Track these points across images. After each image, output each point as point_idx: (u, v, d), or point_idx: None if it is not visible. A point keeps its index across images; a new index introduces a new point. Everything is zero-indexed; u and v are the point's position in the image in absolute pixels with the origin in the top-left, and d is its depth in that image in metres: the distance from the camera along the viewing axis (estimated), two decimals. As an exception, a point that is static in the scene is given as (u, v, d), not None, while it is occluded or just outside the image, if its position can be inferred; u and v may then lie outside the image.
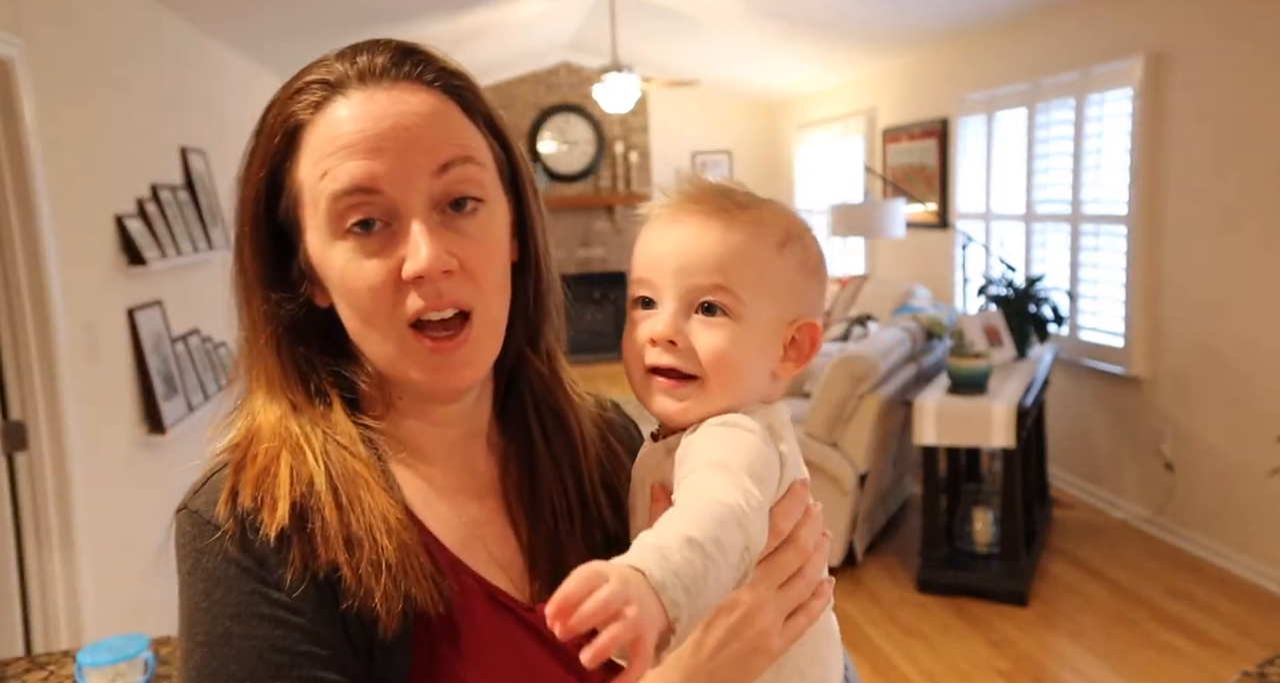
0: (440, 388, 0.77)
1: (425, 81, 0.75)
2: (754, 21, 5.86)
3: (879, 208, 5.47)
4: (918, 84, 6.23)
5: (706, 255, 0.76)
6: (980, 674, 3.14)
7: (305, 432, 0.75)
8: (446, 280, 0.72)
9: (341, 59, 0.75)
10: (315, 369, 0.78)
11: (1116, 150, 4.33)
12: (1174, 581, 3.76)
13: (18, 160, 2.54)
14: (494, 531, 0.81)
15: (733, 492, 0.65)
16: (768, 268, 0.77)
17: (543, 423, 0.85)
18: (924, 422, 3.63)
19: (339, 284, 0.74)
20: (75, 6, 2.95)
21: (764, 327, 0.77)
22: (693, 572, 0.57)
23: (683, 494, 0.66)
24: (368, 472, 0.74)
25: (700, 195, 0.79)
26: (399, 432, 0.79)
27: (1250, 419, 3.68)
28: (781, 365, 0.80)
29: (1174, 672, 3.10)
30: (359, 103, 0.72)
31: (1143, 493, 4.33)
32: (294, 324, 0.77)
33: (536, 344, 0.85)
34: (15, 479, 2.61)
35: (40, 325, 2.60)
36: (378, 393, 0.79)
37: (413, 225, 0.71)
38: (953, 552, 3.84)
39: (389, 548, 0.70)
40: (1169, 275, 4.10)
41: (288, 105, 0.75)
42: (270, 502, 0.70)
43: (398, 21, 5.05)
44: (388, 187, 0.71)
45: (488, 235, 0.75)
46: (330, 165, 0.71)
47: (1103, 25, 4.37)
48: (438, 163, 0.72)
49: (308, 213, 0.74)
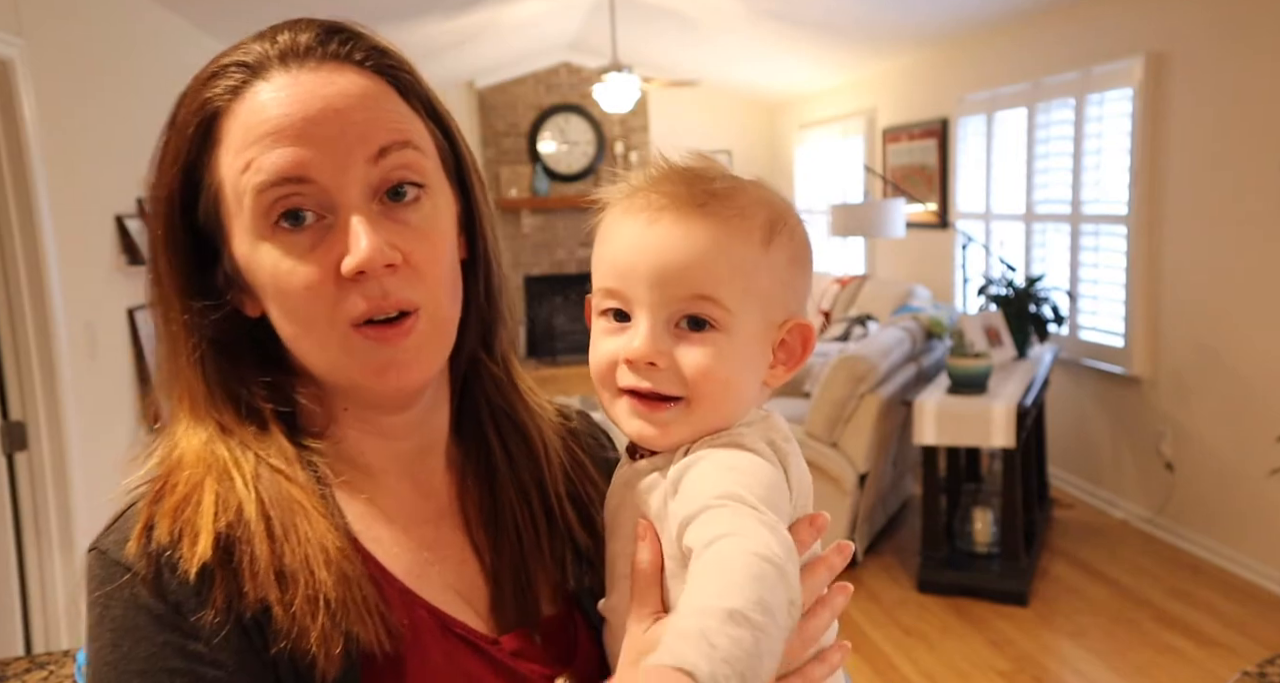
0: (388, 388, 0.69)
1: (355, 61, 0.68)
2: (754, 22, 5.86)
3: (879, 208, 5.47)
4: (917, 84, 6.23)
5: (688, 263, 0.67)
6: (980, 674, 3.14)
7: (234, 455, 0.67)
8: (391, 276, 0.66)
9: (260, 39, 0.68)
10: (246, 385, 0.70)
11: (1116, 150, 4.33)
12: (1174, 581, 3.76)
13: (18, 160, 2.54)
14: (452, 555, 0.73)
15: (761, 534, 0.57)
16: (755, 269, 0.68)
17: (501, 433, 0.78)
18: (924, 422, 3.63)
19: (271, 287, 0.67)
20: (75, 6, 2.95)
21: (753, 334, 0.69)
22: (743, 652, 0.50)
23: (704, 549, 0.57)
24: (305, 497, 0.66)
25: (672, 183, 0.69)
26: (344, 449, 0.72)
27: (1250, 419, 3.68)
28: (771, 373, 0.72)
29: (1174, 672, 3.09)
30: (282, 85, 0.66)
31: (1143, 493, 4.33)
32: (220, 336, 0.70)
33: (490, 348, 0.79)
34: (15, 479, 2.61)
35: (40, 325, 2.60)
36: (319, 407, 0.72)
37: (350, 217, 0.65)
38: (953, 552, 3.84)
39: (327, 581, 0.62)
40: (1169, 275, 4.10)
41: (202, 92, 0.68)
42: (190, 535, 0.63)
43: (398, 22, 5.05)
44: (319, 175, 0.64)
45: (432, 226, 0.69)
46: (253, 155, 0.65)
47: (1103, 25, 4.37)
48: (374, 148, 0.66)
49: (231, 211, 0.67)
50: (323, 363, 0.69)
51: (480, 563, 0.74)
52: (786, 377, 0.73)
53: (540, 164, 8.45)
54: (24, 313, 2.58)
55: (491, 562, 0.74)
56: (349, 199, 0.65)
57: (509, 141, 8.44)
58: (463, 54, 6.92)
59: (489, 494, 0.76)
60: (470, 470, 0.77)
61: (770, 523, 0.59)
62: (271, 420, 0.70)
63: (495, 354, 0.79)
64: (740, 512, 0.60)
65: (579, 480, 0.81)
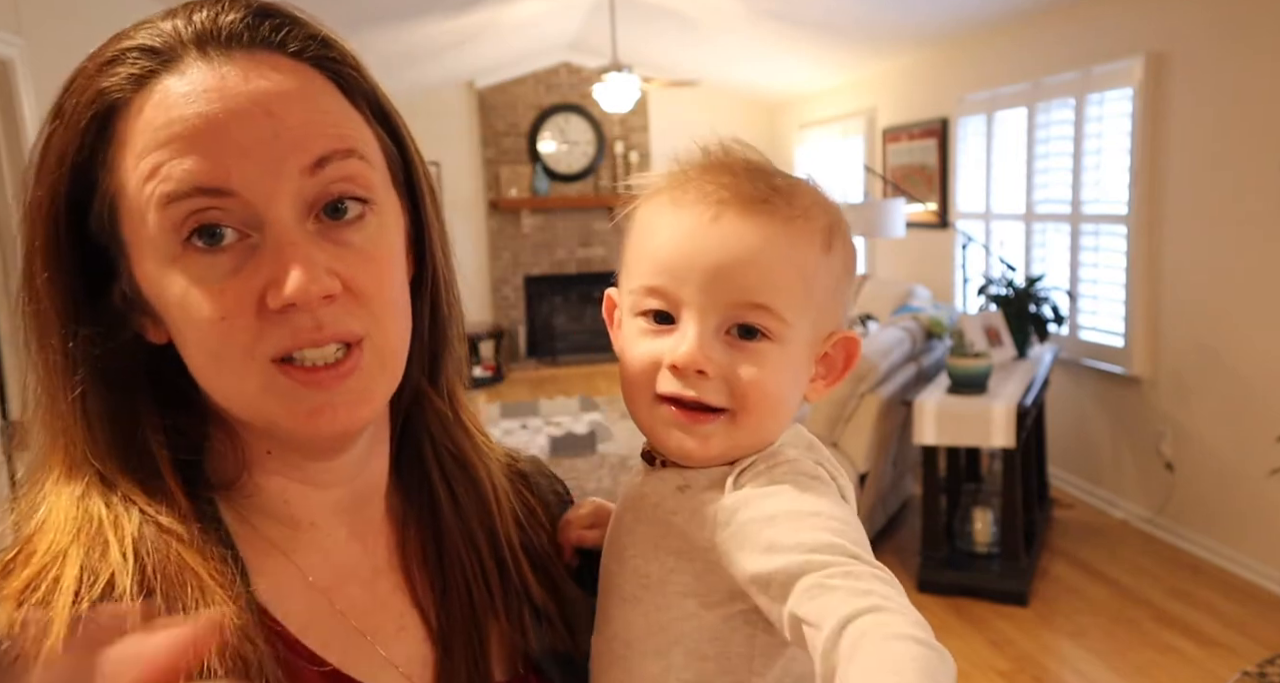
0: (319, 436, 0.58)
1: (289, 52, 0.57)
2: (754, 22, 5.86)
3: (879, 208, 5.47)
4: (918, 84, 6.23)
5: (751, 266, 0.61)
6: (980, 674, 3.14)
7: (114, 514, 0.55)
8: (327, 308, 0.55)
9: (172, 17, 0.57)
10: (140, 427, 0.58)
11: (1116, 150, 4.33)
12: (1174, 581, 3.76)
13: (18, 160, 2.55)
14: (389, 620, 0.63)
15: (903, 606, 0.50)
16: (814, 278, 0.63)
17: (446, 476, 0.68)
18: (924, 422, 3.63)
19: (178, 314, 0.56)
20: (75, 6, 2.95)
21: (803, 347, 0.65)
22: None
23: (841, 633, 0.49)
24: (200, 562, 0.54)
25: (732, 175, 0.63)
26: (262, 501, 0.61)
27: (1250, 419, 3.68)
28: (812, 387, 0.67)
29: (1174, 672, 3.09)
30: (199, 77, 0.54)
31: (1143, 493, 4.33)
32: (110, 368, 0.58)
33: (436, 380, 0.68)
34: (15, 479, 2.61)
35: (40, 325, 2.60)
36: (232, 451, 0.61)
37: (281, 239, 0.54)
38: (953, 552, 3.84)
39: (218, 670, 0.50)
40: (1169, 275, 4.10)
41: (97, 80, 0.56)
42: (39, 623, 0.49)
43: (398, 22, 5.05)
44: (242, 187, 0.53)
45: (378, 247, 0.58)
46: (161, 160, 0.53)
47: (1103, 25, 4.37)
48: (311, 157, 0.55)
49: (133, 223, 0.55)
50: (238, 399, 0.57)
51: (426, 627, 0.64)
52: (826, 392, 0.68)
53: (540, 164, 8.45)
54: (24, 313, 2.58)
55: (439, 624, 0.64)
56: (278, 215, 0.54)
57: (509, 141, 8.44)
58: (463, 54, 6.93)
59: (434, 546, 0.66)
60: (412, 520, 0.67)
61: (887, 579, 0.52)
62: (166, 467, 0.58)
63: (441, 387, 0.69)
64: (854, 571, 0.52)
65: (531, 529, 0.72)
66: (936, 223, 5.93)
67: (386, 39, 5.31)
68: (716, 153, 0.66)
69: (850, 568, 0.52)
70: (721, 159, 0.65)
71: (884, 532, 4.34)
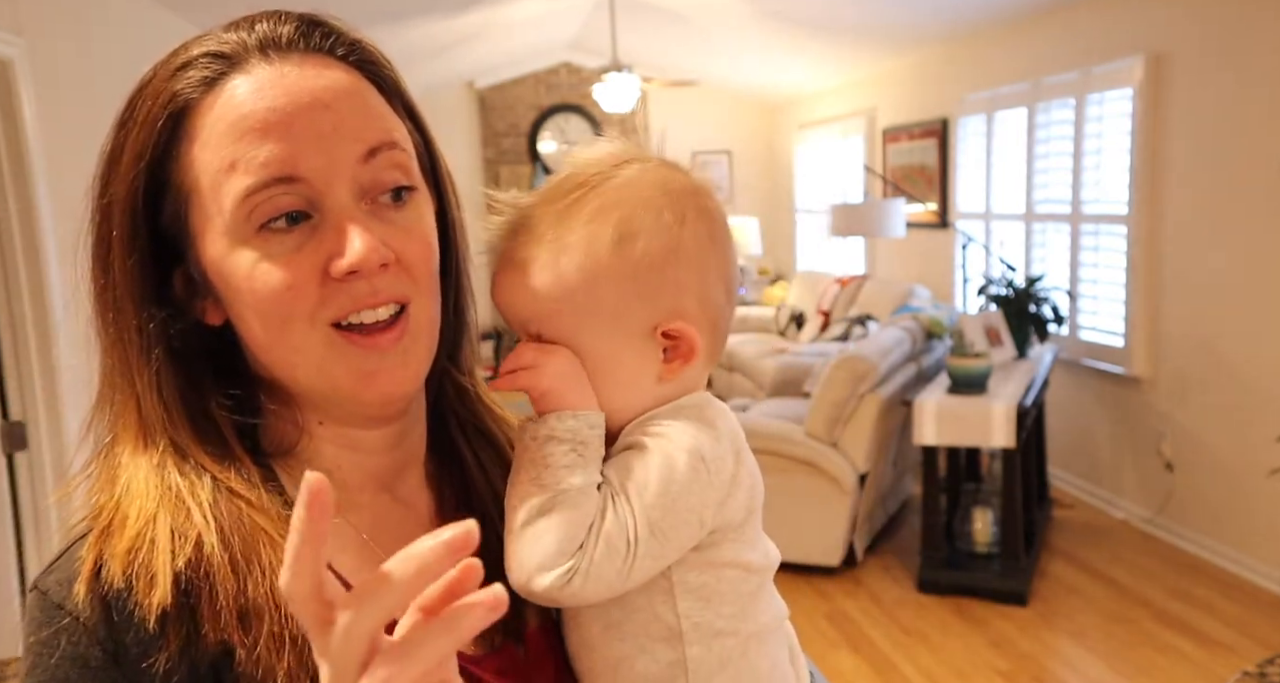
0: (374, 397, 0.65)
1: (338, 56, 0.65)
2: (754, 21, 5.86)
3: (879, 208, 5.47)
4: (918, 84, 6.23)
5: (518, 310, 0.69)
6: (980, 674, 3.14)
7: (190, 481, 0.62)
8: (382, 275, 0.62)
9: (234, 29, 0.64)
10: (206, 400, 0.65)
11: (1116, 150, 4.33)
12: (1174, 581, 3.76)
13: (18, 160, 2.55)
14: None
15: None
16: (586, 297, 0.68)
17: (473, 445, 0.76)
18: (924, 422, 3.63)
19: (245, 289, 0.62)
20: (75, 6, 2.95)
21: (609, 349, 0.69)
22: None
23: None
24: (270, 523, 0.61)
25: (501, 237, 0.70)
26: (316, 466, 0.66)
27: (1250, 419, 3.68)
28: (666, 368, 0.71)
29: (1174, 672, 3.10)
30: (265, 75, 0.62)
31: (1143, 493, 4.33)
32: (179, 348, 0.65)
33: (457, 359, 0.77)
34: (15, 479, 2.61)
35: (40, 325, 2.60)
36: (288, 420, 0.68)
37: (340, 217, 0.62)
38: (953, 552, 3.84)
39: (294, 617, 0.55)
40: (1169, 275, 4.10)
41: (170, 84, 0.62)
42: (146, 578, 0.57)
43: (398, 22, 5.05)
44: (309, 174, 0.61)
45: (422, 227, 0.66)
46: (238, 153, 0.60)
47: (1103, 25, 4.37)
48: (364, 147, 0.63)
49: (207, 211, 0.62)
50: (301, 366, 0.64)
51: None
52: (684, 370, 0.71)
53: (540, 164, 8.44)
54: (24, 313, 2.58)
55: None
56: (338, 200, 0.62)
57: (509, 141, 8.43)
58: (463, 54, 6.92)
59: (466, 508, 0.73)
60: (446, 483, 0.75)
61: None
62: (232, 438, 0.65)
63: (462, 367, 0.77)
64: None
65: None
66: (936, 223, 5.93)
67: (387, 39, 5.27)
68: (504, 207, 0.71)
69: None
70: (501, 223, 0.71)
71: (884, 532, 4.34)
